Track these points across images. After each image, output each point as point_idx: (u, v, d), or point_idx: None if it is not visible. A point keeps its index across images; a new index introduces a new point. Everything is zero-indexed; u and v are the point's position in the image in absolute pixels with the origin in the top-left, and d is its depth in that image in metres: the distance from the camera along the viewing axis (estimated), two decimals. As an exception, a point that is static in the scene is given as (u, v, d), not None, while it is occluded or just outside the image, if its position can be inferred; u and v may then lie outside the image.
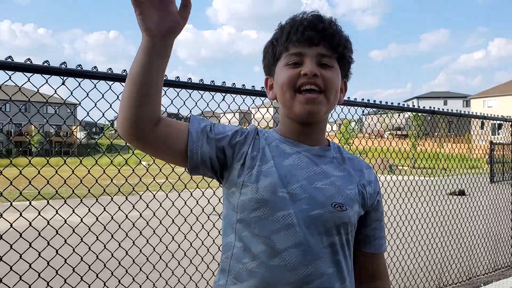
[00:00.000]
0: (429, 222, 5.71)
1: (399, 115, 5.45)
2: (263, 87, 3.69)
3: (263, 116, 3.93)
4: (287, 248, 1.23)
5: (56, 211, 2.70)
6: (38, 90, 2.62)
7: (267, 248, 1.24)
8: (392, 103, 4.52)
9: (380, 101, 4.43)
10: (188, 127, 1.28)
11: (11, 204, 2.54)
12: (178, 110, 3.29)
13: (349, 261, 1.35)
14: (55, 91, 2.68)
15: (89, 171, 2.86)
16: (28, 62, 2.53)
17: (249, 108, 3.83)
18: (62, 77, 2.66)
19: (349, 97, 4.07)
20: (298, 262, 1.23)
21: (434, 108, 5.16)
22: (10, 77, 2.52)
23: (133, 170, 3.12)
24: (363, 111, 4.40)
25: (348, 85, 1.47)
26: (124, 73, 2.86)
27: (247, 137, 1.35)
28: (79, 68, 2.69)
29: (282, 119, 1.42)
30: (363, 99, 4.21)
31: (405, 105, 5.00)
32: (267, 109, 4.20)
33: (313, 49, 1.31)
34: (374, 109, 4.57)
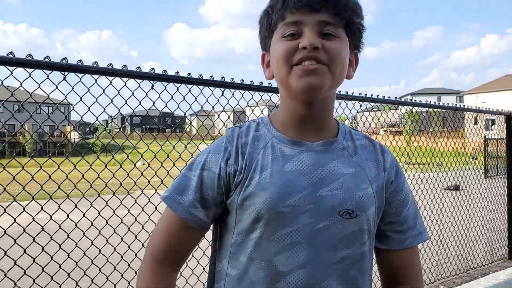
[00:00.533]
0: (426, 215, 5.75)
1: (396, 109, 5.48)
2: (261, 81, 3.73)
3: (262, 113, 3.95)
4: (292, 270, 1.08)
5: (59, 206, 2.71)
6: (39, 85, 2.62)
7: (268, 273, 1.09)
8: (389, 97, 4.56)
9: (378, 95, 4.46)
10: (177, 217, 1.16)
11: (14, 199, 2.55)
12: (178, 105, 3.30)
13: (367, 275, 1.17)
14: (56, 87, 2.69)
15: (91, 167, 2.87)
16: (29, 58, 2.54)
17: (247, 103, 3.83)
18: (63, 73, 2.67)
19: (346, 91, 4.10)
20: (305, 284, 1.08)
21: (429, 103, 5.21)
22: (11, 73, 2.52)
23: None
24: (360, 105, 4.43)
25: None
26: (124, 68, 2.87)
27: (225, 158, 1.16)
28: (79, 63, 2.70)
29: (282, 103, 1.21)
30: (360, 93, 4.24)
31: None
32: (266, 105, 4.21)
33: (313, 16, 1.09)
34: (369, 106, 4.61)
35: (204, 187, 1.15)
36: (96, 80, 2.80)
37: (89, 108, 2.81)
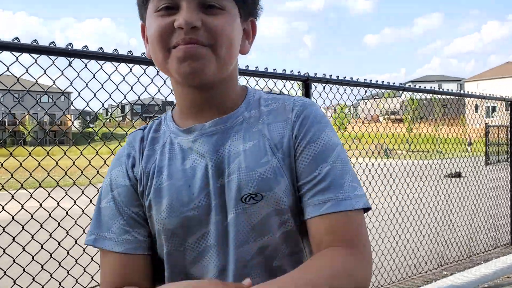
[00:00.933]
0: (430, 202, 5.77)
1: (400, 96, 5.47)
2: (266, 68, 3.69)
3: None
4: (210, 278, 0.94)
5: (66, 193, 2.71)
6: (45, 71, 2.60)
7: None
8: (394, 83, 4.54)
9: (383, 81, 4.44)
10: (116, 255, 0.98)
11: (21, 185, 2.55)
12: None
13: (300, 257, 0.98)
14: (62, 72, 2.67)
15: (98, 154, 2.87)
16: (35, 43, 2.52)
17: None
18: (68, 58, 2.65)
19: (351, 77, 4.08)
20: None
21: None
22: (17, 59, 2.50)
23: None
24: (365, 92, 4.42)
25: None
26: (129, 54, 2.85)
27: (130, 165, 1.02)
28: (85, 49, 2.68)
29: (174, 90, 1.03)
30: (365, 79, 4.22)
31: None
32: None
33: None
34: (369, 93, 4.60)
35: (124, 207, 1.00)
36: (101, 66, 2.79)
37: (94, 95, 2.80)
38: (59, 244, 2.71)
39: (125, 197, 1.00)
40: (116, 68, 2.87)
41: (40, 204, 2.59)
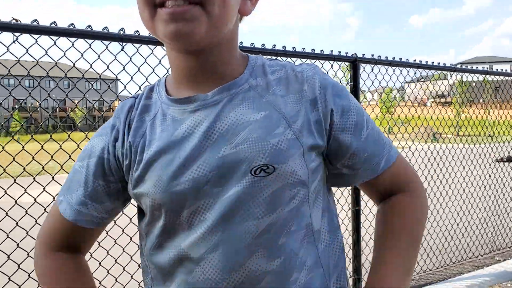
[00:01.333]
0: (482, 186, 5.59)
1: (451, 77, 5.31)
2: (322, 50, 3.65)
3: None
4: (204, 256, 0.87)
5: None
6: (99, 56, 2.68)
7: (182, 263, 0.90)
8: (444, 63, 4.41)
9: (432, 62, 4.32)
10: (66, 219, 0.99)
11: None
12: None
13: (305, 233, 0.91)
14: (115, 57, 2.74)
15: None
16: (89, 29, 2.58)
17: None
18: (120, 43, 2.72)
19: (400, 58, 3.99)
20: (223, 269, 0.86)
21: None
22: (73, 44, 2.58)
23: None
24: (414, 73, 4.31)
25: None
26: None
27: (113, 138, 0.97)
28: (136, 33, 2.74)
29: (168, 55, 0.95)
30: (415, 60, 4.12)
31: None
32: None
33: None
34: (419, 75, 4.48)
35: (92, 177, 0.96)
36: (152, 51, 2.84)
37: (146, 79, 2.85)
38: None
39: (95, 168, 0.96)
40: (152, 51, 2.90)
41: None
